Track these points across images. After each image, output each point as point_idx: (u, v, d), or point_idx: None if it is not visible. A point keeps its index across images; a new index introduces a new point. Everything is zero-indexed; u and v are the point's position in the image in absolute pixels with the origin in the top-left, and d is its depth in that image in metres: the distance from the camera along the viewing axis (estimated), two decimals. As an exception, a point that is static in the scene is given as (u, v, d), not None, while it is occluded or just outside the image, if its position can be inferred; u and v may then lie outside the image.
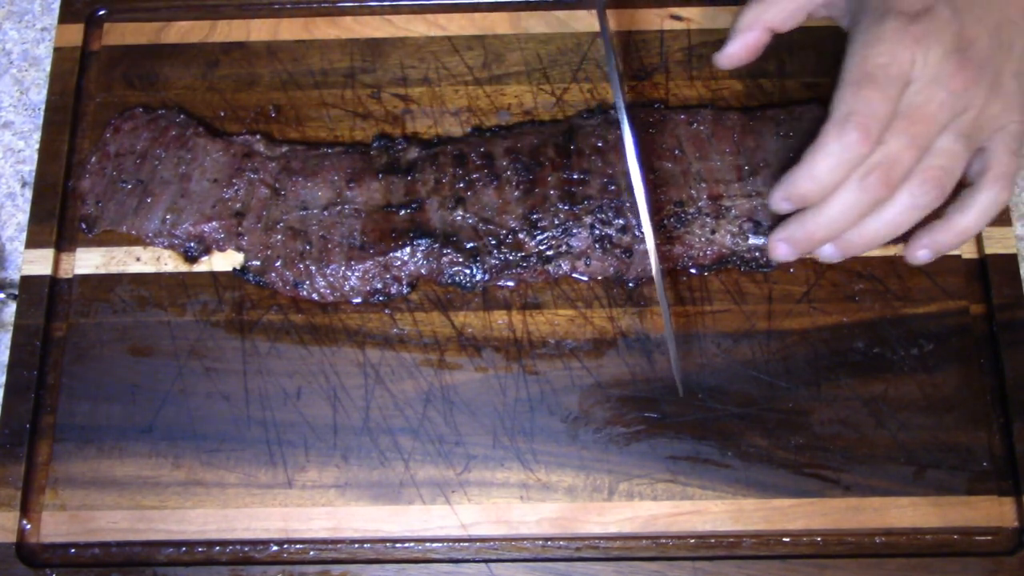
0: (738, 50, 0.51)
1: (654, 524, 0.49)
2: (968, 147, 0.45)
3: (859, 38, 0.45)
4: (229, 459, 0.51)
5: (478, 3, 0.60)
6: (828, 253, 0.48)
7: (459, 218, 0.53)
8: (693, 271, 0.53)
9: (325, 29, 0.59)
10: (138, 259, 0.55)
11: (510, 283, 0.53)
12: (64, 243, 0.55)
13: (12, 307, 0.54)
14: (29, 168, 0.59)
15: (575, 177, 0.53)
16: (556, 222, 0.52)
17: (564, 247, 0.52)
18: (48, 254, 0.55)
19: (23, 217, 0.57)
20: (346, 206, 0.53)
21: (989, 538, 0.49)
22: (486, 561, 0.49)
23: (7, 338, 0.54)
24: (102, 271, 0.54)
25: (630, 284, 0.53)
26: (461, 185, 0.53)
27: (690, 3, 0.59)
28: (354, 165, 0.54)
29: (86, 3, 0.60)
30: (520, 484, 0.50)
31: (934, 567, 0.48)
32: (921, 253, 0.48)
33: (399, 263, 0.52)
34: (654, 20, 0.59)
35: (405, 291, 0.53)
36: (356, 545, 0.50)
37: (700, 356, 0.52)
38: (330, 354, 0.52)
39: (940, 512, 0.49)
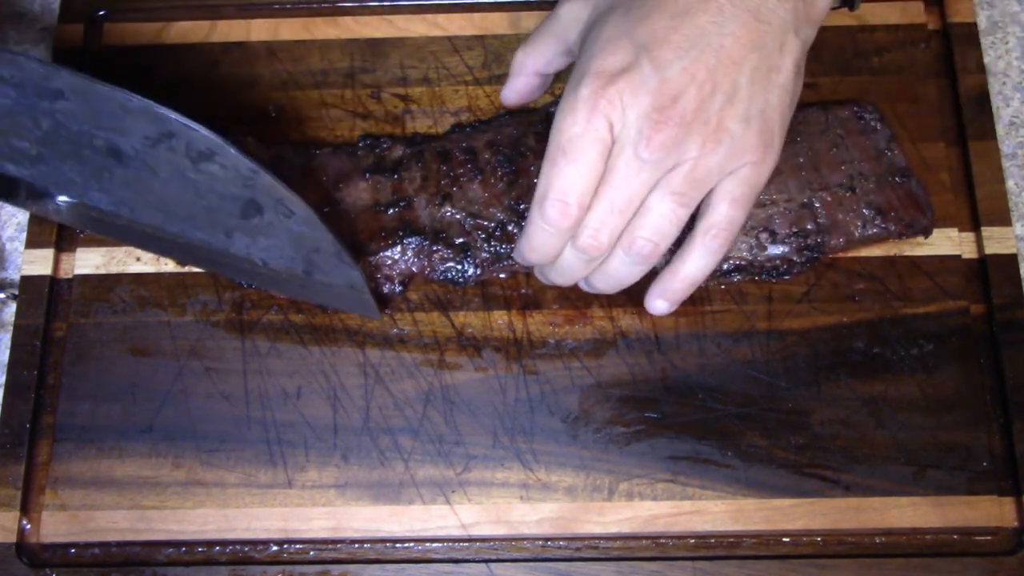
0: (511, 95, 0.53)
1: (654, 524, 0.49)
2: (683, 203, 0.44)
3: (560, 105, 0.44)
4: (229, 459, 0.51)
5: (478, 3, 0.60)
6: (584, 288, 0.50)
7: (447, 214, 0.52)
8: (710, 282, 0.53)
9: (325, 29, 0.59)
10: (138, 259, 0.55)
11: (502, 275, 0.53)
12: (64, 243, 0.55)
13: (12, 307, 0.54)
14: (29, 168, 0.59)
15: None
16: None
17: None
18: (48, 254, 0.55)
19: (23, 217, 0.57)
20: (336, 209, 0.53)
21: (989, 538, 0.49)
22: (486, 561, 0.49)
23: (7, 338, 0.54)
24: (102, 271, 0.54)
25: None
26: (446, 181, 0.53)
27: (690, 3, 0.59)
28: (341, 167, 0.54)
29: (86, 3, 0.60)
30: (520, 484, 0.50)
31: (934, 567, 0.48)
32: (658, 303, 0.48)
33: (390, 262, 0.52)
34: (654, 20, 0.59)
35: (398, 290, 0.53)
36: (356, 545, 0.50)
37: (700, 356, 0.52)
38: (330, 354, 0.52)
39: (940, 512, 0.49)
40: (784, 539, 0.49)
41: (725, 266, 0.52)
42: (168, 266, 0.54)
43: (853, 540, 0.49)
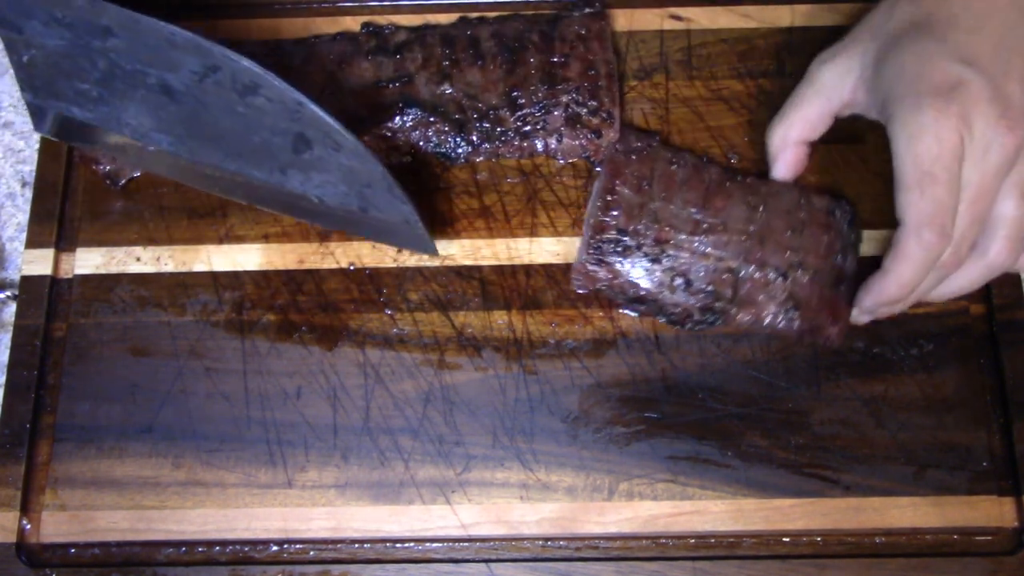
0: (783, 171, 0.53)
1: (654, 524, 0.49)
2: None
3: (902, 133, 0.45)
4: (229, 459, 0.51)
5: (477, 3, 0.60)
6: (896, 309, 0.50)
7: (446, 92, 0.55)
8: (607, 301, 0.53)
9: (325, 29, 0.59)
10: (138, 259, 0.55)
11: (492, 158, 0.55)
12: (64, 243, 0.55)
13: (12, 307, 0.54)
14: (29, 168, 0.59)
15: (555, 60, 0.55)
16: (534, 100, 0.54)
17: (541, 124, 0.54)
18: (48, 254, 0.55)
19: (23, 217, 0.57)
20: (340, 88, 0.55)
21: (989, 538, 0.49)
22: (486, 561, 0.49)
23: (7, 338, 0.54)
24: (102, 271, 0.54)
25: (597, 169, 0.55)
26: (447, 63, 0.55)
27: (690, 3, 0.59)
28: (343, 50, 0.56)
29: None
30: (520, 484, 0.50)
31: (934, 567, 0.48)
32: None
33: (391, 133, 0.54)
34: (654, 20, 0.59)
35: (405, 160, 0.55)
36: (356, 545, 0.50)
37: (700, 356, 0.52)
38: (330, 354, 0.52)
39: (940, 512, 0.49)
40: (784, 539, 0.49)
41: (629, 290, 0.51)
42: (168, 266, 0.54)
43: (853, 540, 0.49)
